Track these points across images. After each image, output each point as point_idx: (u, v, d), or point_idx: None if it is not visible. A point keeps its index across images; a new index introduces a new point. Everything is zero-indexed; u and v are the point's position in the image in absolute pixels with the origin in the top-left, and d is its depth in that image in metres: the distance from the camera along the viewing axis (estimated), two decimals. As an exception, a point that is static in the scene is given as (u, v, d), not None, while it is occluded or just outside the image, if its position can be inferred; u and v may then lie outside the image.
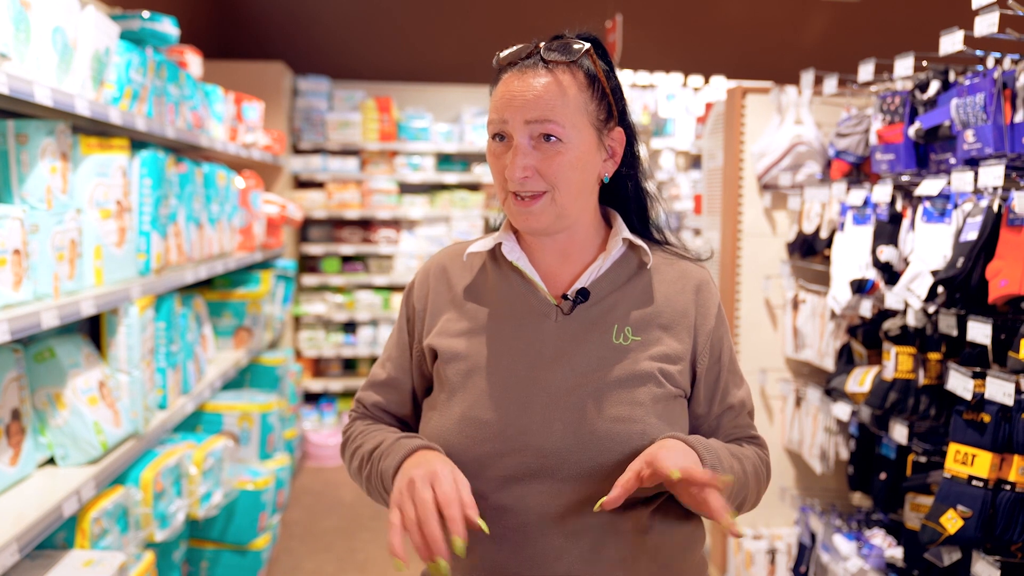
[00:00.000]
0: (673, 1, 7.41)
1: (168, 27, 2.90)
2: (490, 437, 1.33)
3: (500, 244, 1.45)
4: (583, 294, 1.40)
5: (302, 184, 6.78)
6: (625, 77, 6.49)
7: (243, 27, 7.10)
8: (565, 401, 1.34)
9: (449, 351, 1.41)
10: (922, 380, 2.57)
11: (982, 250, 2.19)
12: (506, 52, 1.39)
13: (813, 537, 3.26)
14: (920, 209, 2.55)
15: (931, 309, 2.49)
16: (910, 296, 2.50)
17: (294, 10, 7.09)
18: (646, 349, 1.37)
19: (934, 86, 2.61)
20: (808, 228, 3.37)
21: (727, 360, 1.45)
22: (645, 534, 1.34)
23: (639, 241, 1.43)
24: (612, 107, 1.40)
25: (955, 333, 2.38)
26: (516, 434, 1.32)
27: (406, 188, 6.90)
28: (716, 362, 1.43)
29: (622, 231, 1.43)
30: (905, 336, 2.61)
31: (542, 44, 1.36)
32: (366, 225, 6.81)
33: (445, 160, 6.89)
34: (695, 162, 6.22)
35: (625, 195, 1.49)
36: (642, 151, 1.50)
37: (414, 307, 1.50)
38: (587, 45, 1.36)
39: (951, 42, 2.35)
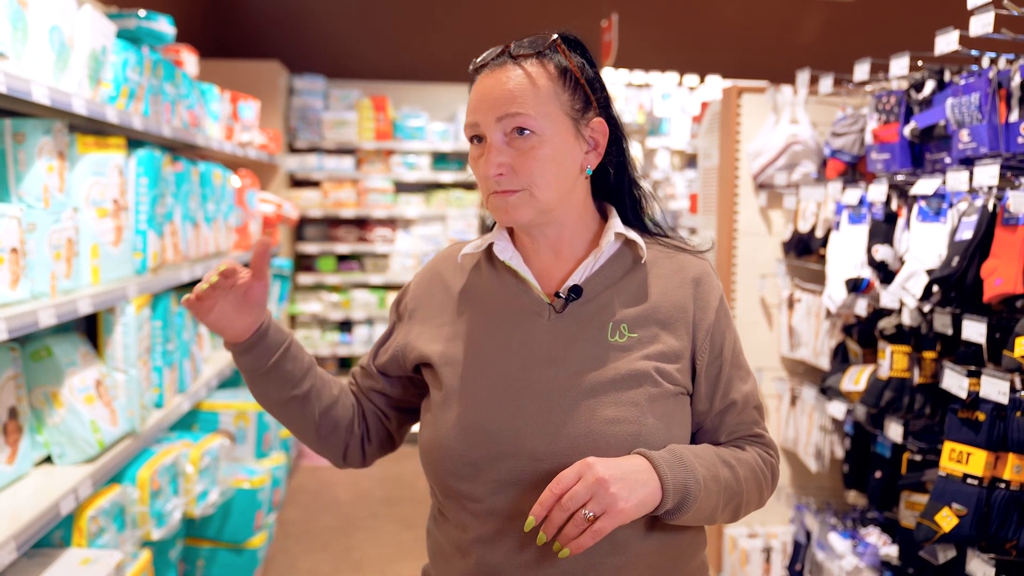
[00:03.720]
0: (669, 0, 7.42)
1: (164, 26, 2.89)
2: (485, 441, 1.31)
3: (493, 244, 1.43)
4: (575, 291, 1.37)
5: (298, 183, 6.78)
6: (620, 76, 6.50)
7: (239, 26, 7.09)
8: (559, 403, 1.31)
9: (444, 354, 1.40)
10: (917, 379, 2.58)
11: (977, 249, 2.20)
12: (480, 57, 1.38)
13: (808, 535, 3.27)
14: (915, 208, 2.55)
15: (926, 308, 2.50)
16: (905, 295, 2.50)
17: (290, 9, 7.09)
18: (643, 347, 1.35)
19: (929, 86, 2.62)
20: (804, 227, 3.38)
21: (730, 354, 1.41)
22: (645, 540, 1.32)
23: (633, 235, 1.40)
24: (590, 97, 1.36)
25: (950, 332, 2.39)
26: (511, 438, 1.31)
27: (402, 187, 6.91)
28: (718, 356, 1.39)
29: (615, 226, 1.40)
30: (900, 335, 2.62)
31: (511, 45, 1.35)
32: (362, 224, 6.81)
33: (441, 159, 6.90)
34: (691, 161, 6.24)
35: (618, 189, 1.45)
36: (631, 147, 1.48)
37: (407, 306, 1.49)
38: (555, 36, 1.34)
39: (946, 42, 2.36)
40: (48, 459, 2.38)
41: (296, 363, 1.43)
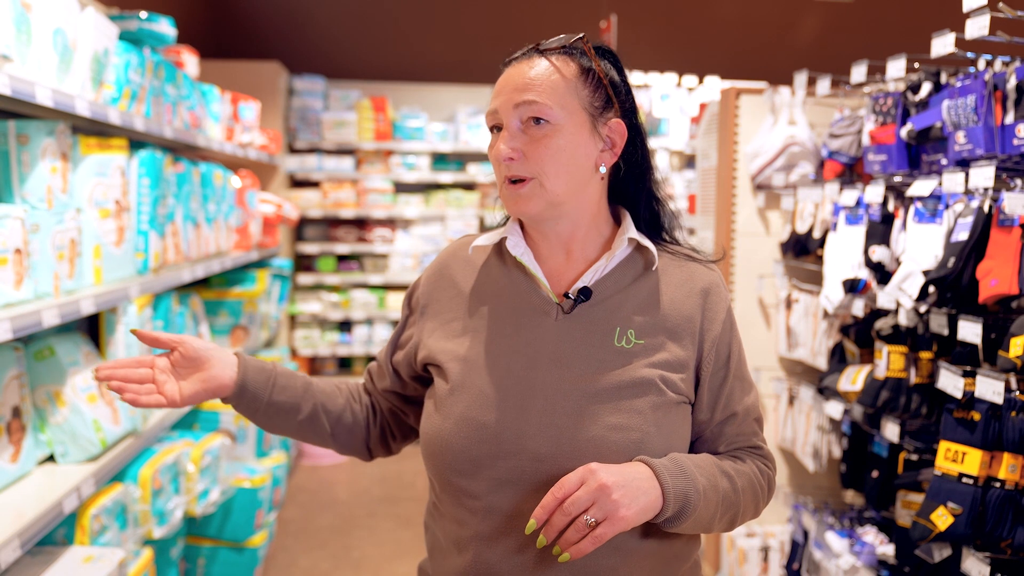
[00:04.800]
0: (667, 1, 7.43)
1: (165, 27, 2.91)
2: (487, 439, 1.31)
3: (505, 239, 1.43)
4: (585, 293, 1.37)
5: (298, 183, 6.79)
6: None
7: (239, 27, 7.10)
8: (562, 405, 1.31)
9: (451, 350, 1.40)
10: (913, 379, 2.60)
11: (973, 250, 2.22)
12: (510, 56, 1.40)
13: (806, 534, 3.29)
14: (912, 209, 2.57)
15: (922, 308, 2.51)
16: (902, 296, 2.52)
17: (290, 10, 7.10)
18: (649, 355, 1.35)
19: (926, 88, 2.63)
20: (801, 228, 3.39)
21: (735, 366, 1.42)
22: (641, 542, 1.33)
23: (646, 242, 1.40)
24: (612, 99, 1.38)
25: (946, 332, 2.40)
26: (513, 437, 1.31)
27: (401, 187, 6.93)
28: (722, 367, 1.40)
29: (628, 230, 1.40)
30: (897, 335, 2.64)
31: (541, 42, 1.38)
32: (361, 224, 6.82)
33: (440, 160, 6.91)
34: (689, 162, 6.25)
35: (636, 196, 1.45)
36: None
37: (418, 300, 1.51)
38: (582, 34, 1.37)
39: (943, 44, 2.37)
40: (51, 458, 2.40)
41: (289, 392, 1.48)
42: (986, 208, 2.22)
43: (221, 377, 1.43)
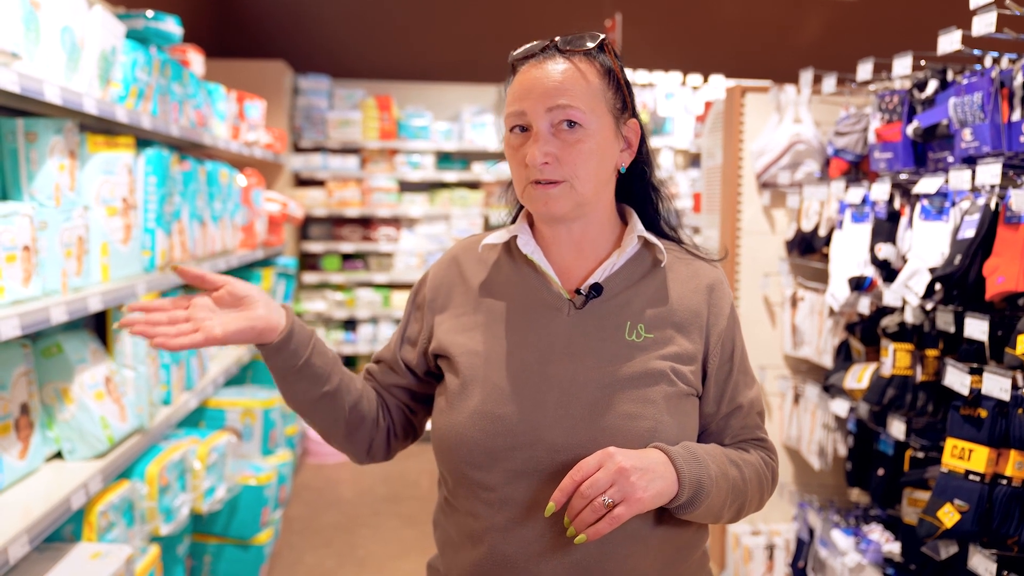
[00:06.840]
0: (672, 0, 7.43)
1: (172, 26, 2.92)
2: (503, 431, 1.33)
3: (515, 237, 1.45)
4: (596, 289, 1.39)
5: (303, 182, 6.80)
6: (624, 76, 6.52)
7: (244, 26, 7.12)
8: (577, 397, 1.34)
9: (462, 344, 1.42)
10: (920, 376, 2.60)
11: (979, 247, 2.22)
12: (520, 49, 1.40)
13: (811, 533, 3.29)
14: (918, 207, 2.57)
15: (929, 306, 2.51)
16: (908, 293, 2.52)
17: (295, 9, 7.11)
18: (659, 348, 1.38)
19: (932, 85, 2.63)
20: (807, 226, 3.39)
21: (739, 360, 1.45)
22: (653, 531, 1.35)
23: (654, 239, 1.44)
24: (627, 99, 1.41)
25: (952, 330, 2.40)
26: (529, 429, 1.33)
27: (406, 186, 6.93)
28: (727, 361, 1.43)
29: (637, 228, 1.44)
30: (903, 333, 2.63)
31: (556, 39, 1.38)
32: (366, 223, 6.83)
33: (445, 158, 6.92)
34: (694, 160, 6.25)
35: (641, 192, 1.49)
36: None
37: (425, 296, 1.51)
38: (602, 36, 1.39)
39: (949, 41, 2.37)
40: (59, 455, 2.40)
41: (324, 358, 1.43)
42: (992, 205, 2.22)
43: (269, 319, 1.35)
